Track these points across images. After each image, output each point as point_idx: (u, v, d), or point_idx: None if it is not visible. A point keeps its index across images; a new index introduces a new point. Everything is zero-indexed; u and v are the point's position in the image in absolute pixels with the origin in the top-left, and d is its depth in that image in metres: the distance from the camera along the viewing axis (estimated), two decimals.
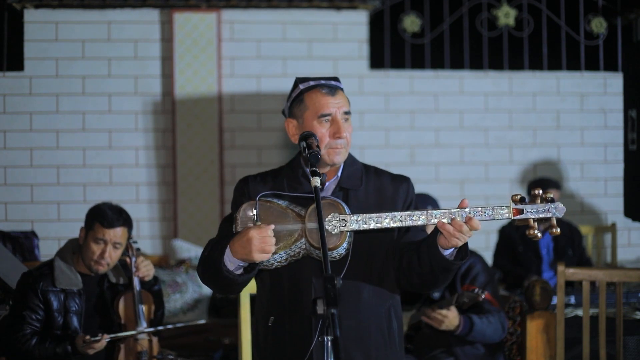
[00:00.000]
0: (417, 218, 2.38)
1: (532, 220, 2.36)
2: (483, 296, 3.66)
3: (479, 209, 2.36)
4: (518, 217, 2.35)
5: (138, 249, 3.73)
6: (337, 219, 2.38)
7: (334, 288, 2.06)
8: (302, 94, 2.61)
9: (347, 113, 2.60)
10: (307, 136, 2.50)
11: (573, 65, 6.09)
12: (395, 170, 2.89)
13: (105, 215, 3.57)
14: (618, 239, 5.99)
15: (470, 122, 6.02)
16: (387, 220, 2.38)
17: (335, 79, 2.67)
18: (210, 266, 2.48)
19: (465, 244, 2.43)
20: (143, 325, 3.61)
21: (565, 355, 3.66)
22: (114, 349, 3.60)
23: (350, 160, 2.66)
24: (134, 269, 3.65)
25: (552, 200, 2.37)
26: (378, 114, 5.92)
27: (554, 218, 2.35)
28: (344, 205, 2.42)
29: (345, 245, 2.40)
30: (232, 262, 2.42)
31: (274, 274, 2.58)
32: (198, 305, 5.24)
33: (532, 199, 2.38)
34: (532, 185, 5.52)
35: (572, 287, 4.40)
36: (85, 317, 3.58)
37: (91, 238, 3.57)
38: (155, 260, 5.43)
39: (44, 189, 5.65)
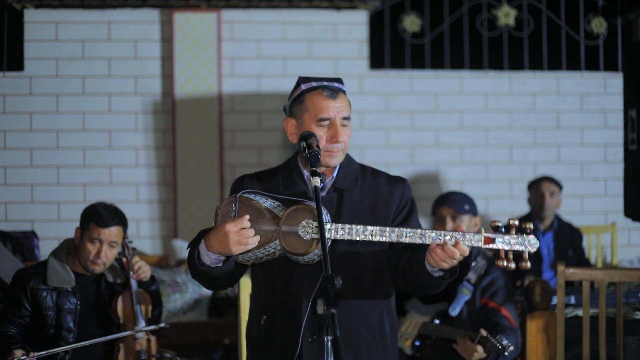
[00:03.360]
0: (388, 235, 2.33)
1: (503, 251, 2.30)
2: (508, 350, 3.58)
3: (454, 233, 2.31)
4: (488, 246, 2.29)
5: (134, 249, 3.73)
6: (311, 225, 2.36)
7: (334, 288, 2.06)
8: (303, 95, 2.59)
9: (347, 118, 2.58)
10: (308, 136, 2.50)
11: (573, 65, 6.08)
12: (395, 170, 2.90)
13: (100, 215, 3.58)
14: (618, 239, 5.99)
15: (470, 122, 6.02)
16: (358, 233, 2.35)
17: (339, 80, 2.64)
18: (189, 262, 2.50)
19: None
20: (142, 325, 3.61)
21: (565, 355, 3.66)
22: (113, 349, 3.60)
23: (347, 161, 2.64)
24: (129, 270, 3.66)
25: (529, 232, 2.29)
26: (378, 114, 5.92)
27: (526, 252, 2.28)
28: (322, 211, 2.39)
29: (317, 252, 2.37)
30: (208, 256, 2.42)
31: (267, 273, 2.58)
32: (198, 305, 5.24)
33: (508, 229, 2.31)
34: (530, 184, 5.52)
35: (572, 287, 4.40)
36: (81, 316, 3.58)
37: (87, 238, 3.58)
38: (155, 260, 5.44)
39: (44, 189, 5.65)
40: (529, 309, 3.90)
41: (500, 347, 3.57)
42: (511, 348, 3.57)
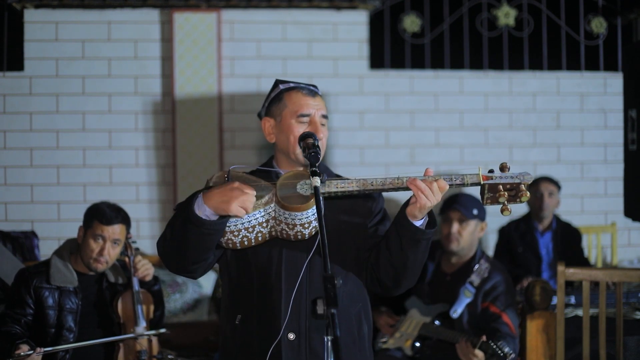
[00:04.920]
0: (389, 184, 2.38)
1: (501, 187, 2.39)
2: (509, 358, 3.57)
3: (450, 175, 2.40)
4: (487, 182, 2.39)
5: (137, 249, 3.74)
6: (309, 183, 2.39)
7: (333, 288, 2.06)
8: (281, 93, 2.65)
9: (325, 117, 2.62)
10: (306, 136, 2.51)
11: (573, 65, 6.09)
12: (395, 170, 2.90)
13: (104, 213, 3.60)
14: (618, 239, 5.99)
15: (470, 122, 6.02)
16: (358, 185, 2.38)
17: (314, 86, 2.70)
18: (176, 222, 2.38)
19: (433, 216, 2.45)
20: (142, 325, 3.62)
21: (565, 355, 3.66)
22: (113, 348, 3.60)
23: (323, 167, 2.65)
24: (132, 269, 3.67)
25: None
26: (378, 114, 5.91)
27: (522, 185, 2.41)
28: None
29: (314, 210, 2.35)
30: (201, 209, 2.32)
31: (242, 271, 2.54)
32: (198, 305, 5.24)
33: (501, 170, 2.45)
34: (530, 184, 5.52)
35: (572, 287, 4.40)
36: (82, 316, 3.59)
37: (90, 235, 3.59)
38: (156, 261, 5.43)
39: (44, 189, 5.65)
40: (529, 309, 3.90)
41: (502, 354, 3.56)
42: (512, 356, 3.58)
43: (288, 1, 5.74)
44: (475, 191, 5.02)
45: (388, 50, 5.93)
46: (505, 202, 2.39)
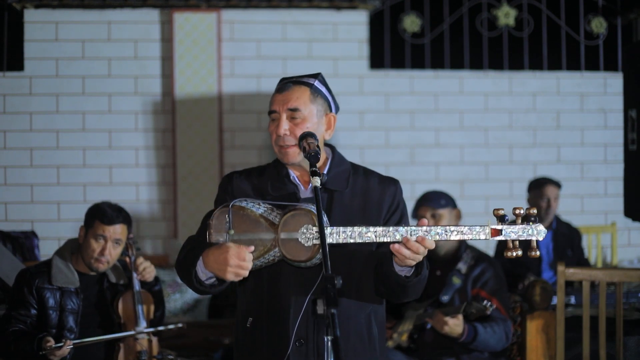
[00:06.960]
0: (392, 234, 2.30)
1: (511, 243, 2.31)
2: (491, 310, 3.66)
3: (459, 228, 2.30)
4: (495, 238, 2.30)
5: (138, 249, 3.74)
6: (311, 231, 2.33)
7: (334, 288, 2.05)
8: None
9: (295, 110, 2.50)
10: (305, 136, 2.48)
11: (573, 65, 6.08)
12: (395, 170, 2.89)
13: (105, 213, 3.60)
14: (618, 239, 5.99)
15: (470, 122, 6.02)
16: (362, 235, 2.32)
17: (314, 75, 2.60)
18: (184, 271, 2.46)
19: (423, 260, 2.39)
20: (143, 325, 3.61)
21: (565, 355, 3.66)
22: (113, 349, 3.60)
23: (338, 160, 2.60)
24: (133, 269, 3.67)
25: (535, 220, 2.31)
26: (378, 114, 5.91)
27: (533, 242, 2.30)
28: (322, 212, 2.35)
29: (318, 257, 2.33)
30: (204, 273, 2.40)
31: (254, 274, 2.51)
32: (198, 305, 5.24)
33: (513, 219, 2.32)
34: (532, 184, 5.52)
35: (572, 287, 4.40)
36: (83, 316, 3.58)
37: (91, 235, 3.59)
38: (155, 260, 5.43)
39: (44, 189, 5.65)
40: (529, 309, 3.90)
41: (483, 307, 3.68)
42: (493, 307, 3.68)
43: (288, 1, 5.74)
44: (426, 189, 5.04)
45: (388, 50, 5.93)
46: (513, 253, 2.31)
